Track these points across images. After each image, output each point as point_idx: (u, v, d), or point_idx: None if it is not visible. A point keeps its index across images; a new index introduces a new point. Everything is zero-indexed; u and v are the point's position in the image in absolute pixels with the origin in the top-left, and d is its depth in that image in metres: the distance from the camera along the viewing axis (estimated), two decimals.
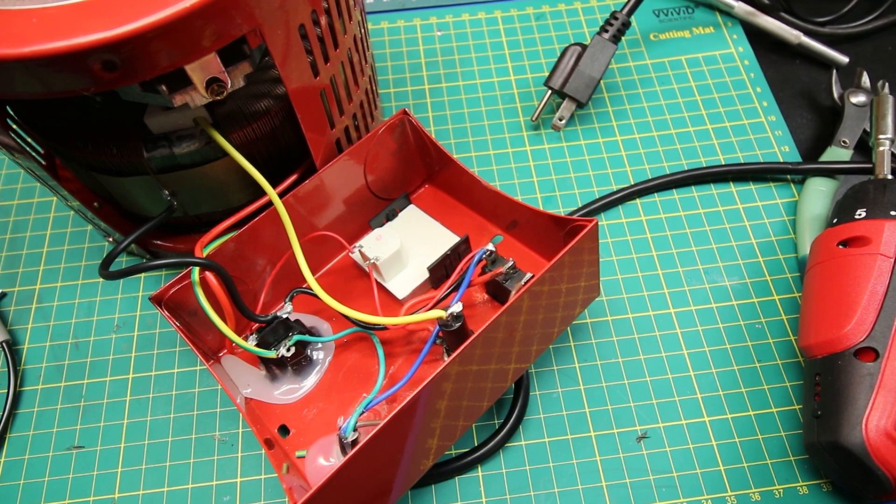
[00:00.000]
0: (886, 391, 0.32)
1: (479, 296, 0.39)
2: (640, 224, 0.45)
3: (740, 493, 0.36)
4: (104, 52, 0.25)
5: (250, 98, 0.36)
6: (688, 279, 0.42)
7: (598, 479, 0.36)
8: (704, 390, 0.38)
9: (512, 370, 0.34)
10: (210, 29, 0.27)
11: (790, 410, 0.38)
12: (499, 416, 0.38)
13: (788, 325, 0.40)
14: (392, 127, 0.38)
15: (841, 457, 0.32)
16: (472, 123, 0.49)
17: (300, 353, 0.36)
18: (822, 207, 0.43)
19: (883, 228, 0.35)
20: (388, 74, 0.52)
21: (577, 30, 0.54)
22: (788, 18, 0.52)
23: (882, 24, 0.53)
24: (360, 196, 0.40)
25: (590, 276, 0.35)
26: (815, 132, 0.49)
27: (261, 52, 0.32)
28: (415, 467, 0.32)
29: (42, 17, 0.25)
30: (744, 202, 0.45)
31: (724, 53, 0.52)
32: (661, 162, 0.47)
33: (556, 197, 0.46)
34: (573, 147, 0.48)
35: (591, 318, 0.41)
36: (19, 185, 0.48)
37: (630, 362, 0.39)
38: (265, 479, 0.37)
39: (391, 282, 0.39)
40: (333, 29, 0.34)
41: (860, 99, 0.47)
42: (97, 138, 0.35)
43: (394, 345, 0.38)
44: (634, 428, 0.38)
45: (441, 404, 0.30)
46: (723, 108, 0.49)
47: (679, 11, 0.55)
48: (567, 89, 0.46)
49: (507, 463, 0.37)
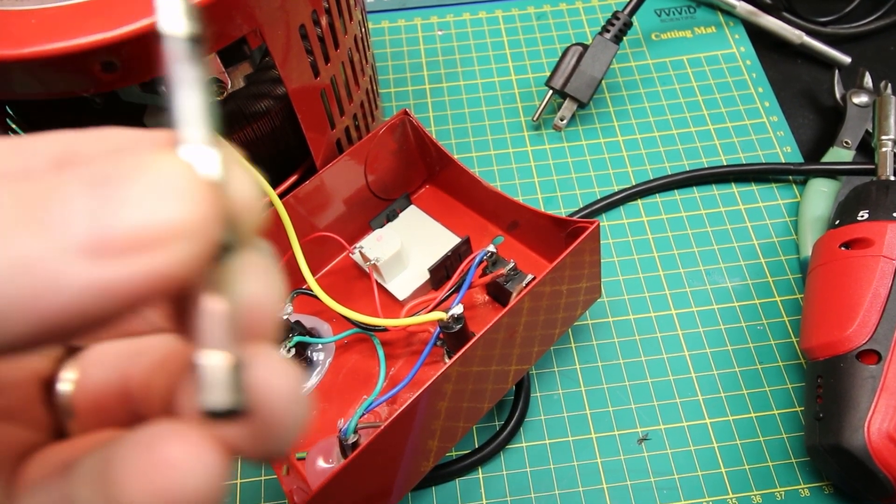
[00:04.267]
0: (889, 394, 0.32)
1: (480, 297, 0.39)
2: (642, 225, 0.44)
3: (742, 495, 0.35)
4: (104, 53, 0.25)
5: (250, 98, 0.36)
6: (689, 280, 0.42)
7: (599, 480, 0.36)
8: (706, 392, 0.38)
9: (513, 372, 0.34)
10: (210, 29, 0.26)
11: (792, 412, 0.38)
12: (499, 417, 0.38)
13: (790, 327, 0.40)
14: (393, 127, 0.38)
15: (843, 459, 0.32)
16: (472, 123, 0.49)
17: (300, 355, 0.36)
18: (824, 208, 0.43)
19: (885, 230, 0.35)
20: (388, 74, 0.52)
21: (578, 29, 0.54)
22: (790, 18, 0.52)
23: (884, 24, 0.52)
24: (361, 196, 0.40)
25: (591, 278, 0.35)
26: (817, 133, 0.48)
27: (261, 52, 0.32)
28: (415, 469, 0.32)
29: (42, 17, 0.25)
30: (745, 203, 0.45)
31: (726, 53, 0.52)
32: (662, 162, 0.47)
33: (557, 197, 0.46)
34: (574, 147, 0.48)
35: (593, 320, 0.41)
36: None
37: (631, 364, 0.39)
38: (265, 481, 0.37)
39: (392, 283, 0.39)
40: (334, 29, 0.34)
41: (862, 99, 0.47)
42: None
43: (394, 346, 0.37)
44: (636, 430, 0.37)
45: (442, 406, 0.30)
46: (724, 109, 0.49)
47: (681, 11, 0.55)
48: (568, 89, 0.46)
49: (507, 465, 0.37)
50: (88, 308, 0.10)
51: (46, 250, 0.10)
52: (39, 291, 0.10)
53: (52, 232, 0.10)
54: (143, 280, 0.10)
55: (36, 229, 0.10)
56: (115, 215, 0.10)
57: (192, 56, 0.11)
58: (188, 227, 0.10)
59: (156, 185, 0.10)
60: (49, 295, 0.10)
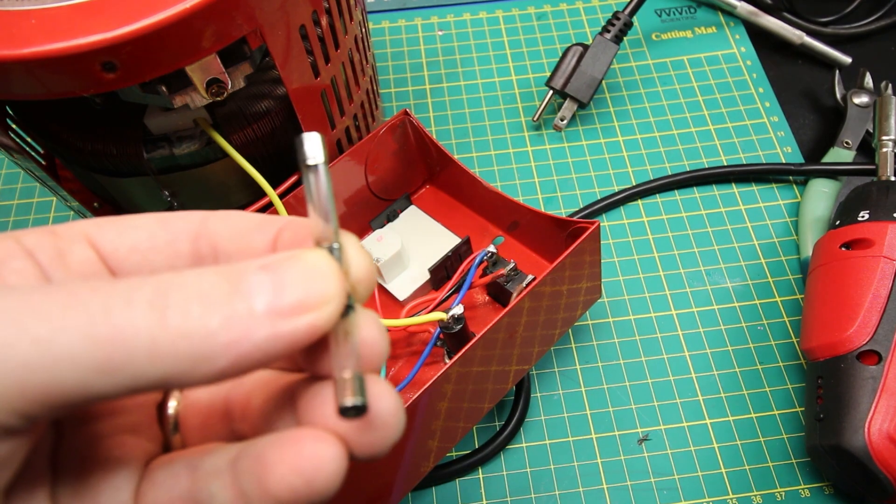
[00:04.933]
0: (889, 394, 0.32)
1: (481, 297, 0.39)
2: (642, 225, 0.44)
3: (742, 495, 0.35)
4: (104, 53, 0.25)
5: (251, 99, 0.36)
6: (690, 280, 0.42)
7: (599, 481, 0.36)
8: (706, 392, 0.38)
9: (513, 372, 0.34)
10: (210, 30, 0.26)
11: (792, 413, 0.38)
12: (500, 417, 0.38)
13: (790, 328, 0.40)
14: (393, 127, 0.38)
15: (843, 460, 0.32)
16: (473, 124, 0.49)
17: None
18: (824, 209, 0.43)
19: (886, 231, 0.35)
20: (389, 74, 0.52)
21: (578, 29, 0.54)
22: (791, 18, 0.52)
23: (885, 24, 0.52)
24: (361, 197, 0.40)
25: (591, 278, 0.35)
26: (818, 133, 0.48)
27: (261, 52, 0.32)
28: (415, 469, 0.32)
29: (42, 17, 0.25)
30: (746, 203, 0.45)
31: (727, 53, 0.52)
32: (662, 163, 0.47)
33: (557, 198, 0.46)
34: (575, 147, 0.48)
35: (593, 320, 0.41)
36: (19, 185, 0.48)
37: (631, 364, 0.39)
38: None
39: (392, 283, 0.39)
40: (334, 29, 0.34)
41: (863, 100, 0.47)
42: (97, 139, 0.35)
43: (394, 346, 0.37)
44: (636, 430, 0.37)
45: (442, 406, 0.30)
46: (725, 109, 0.49)
47: (681, 11, 0.55)
48: (569, 89, 0.46)
49: (507, 465, 0.37)
50: (268, 351, 0.14)
51: (246, 312, 0.14)
52: (240, 339, 0.14)
53: (249, 301, 0.14)
54: (304, 332, 0.15)
55: (239, 298, 0.14)
56: (284, 291, 0.15)
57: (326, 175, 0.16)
58: (329, 298, 0.15)
59: (308, 271, 0.15)
60: (245, 342, 0.14)
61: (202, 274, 0.15)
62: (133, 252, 0.17)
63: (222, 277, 0.15)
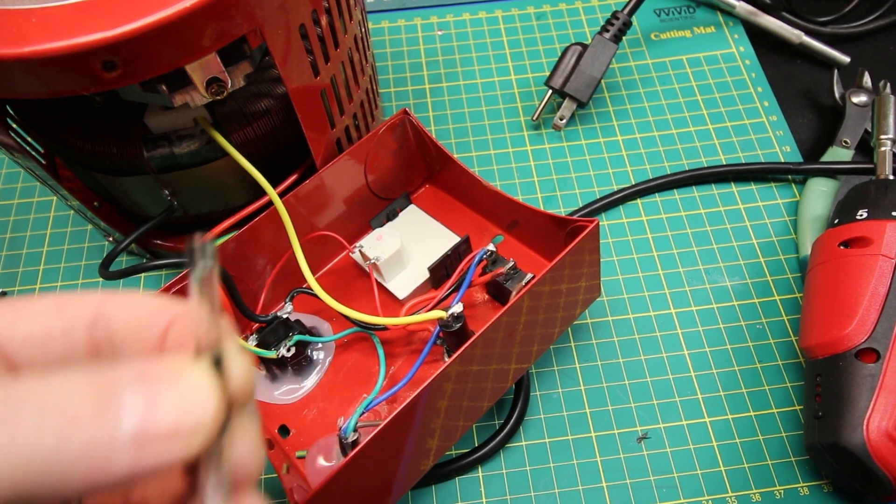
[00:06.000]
0: (887, 392, 0.32)
1: (480, 296, 0.39)
2: (641, 224, 0.44)
3: (741, 493, 0.35)
4: (104, 52, 0.25)
5: (250, 98, 0.36)
6: (689, 279, 0.42)
7: (598, 479, 0.36)
8: (705, 391, 0.38)
9: (512, 370, 0.34)
10: (210, 29, 0.26)
11: (791, 411, 0.38)
12: (499, 416, 0.38)
13: (789, 326, 0.40)
14: (392, 126, 0.38)
15: (842, 458, 0.32)
16: (472, 123, 0.49)
17: (300, 354, 0.36)
18: (823, 208, 0.43)
19: (884, 229, 0.35)
20: (388, 74, 0.52)
21: (577, 29, 0.54)
22: (790, 18, 0.52)
23: (883, 23, 0.52)
24: (361, 196, 0.40)
25: (591, 277, 0.35)
26: (817, 132, 0.49)
27: (261, 51, 0.32)
28: (415, 468, 0.32)
29: (42, 17, 0.25)
30: (745, 202, 0.45)
31: (726, 53, 0.52)
32: (661, 162, 0.47)
33: (556, 197, 0.46)
34: (574, 147, 0.48)
35: (592, 319, 0.41)
36: (19, 184, 0.48)
37: (631, 363, 0.39)
38: (265, 480, 0.37)
39: (391, 282, 0.39)
40: (334, 28, 0.34)
41: (861, 99, 0.47)
42: (97, 138, 0.35)
43: (394, 345, 0.37)
44: (635, 428, 0.37)
45: (441, 405, 0.30)
46: (724, 108, 0.49)
47: (680, 11, 0.55)
48: (568, 89, 0.46)
49: (507, 463, 0.37)
50: (130, 478, 0.14)
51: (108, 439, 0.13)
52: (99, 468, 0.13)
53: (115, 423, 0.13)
54: (170, 462, 0.14)
55: (105, 421, 0.13)
56: (156, 415, 0.14)
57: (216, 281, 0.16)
58: (203, 425, 0.14)
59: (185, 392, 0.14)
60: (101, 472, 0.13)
61: (70, 381, 0.14)
62: (26, 343, 0.16)
63: (92, 388, 0.14)
